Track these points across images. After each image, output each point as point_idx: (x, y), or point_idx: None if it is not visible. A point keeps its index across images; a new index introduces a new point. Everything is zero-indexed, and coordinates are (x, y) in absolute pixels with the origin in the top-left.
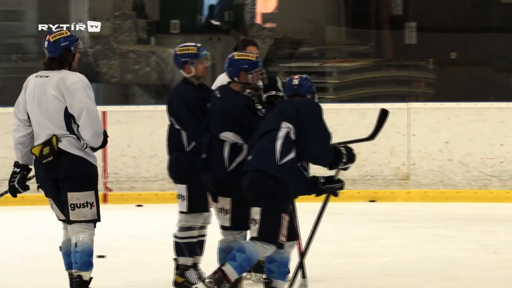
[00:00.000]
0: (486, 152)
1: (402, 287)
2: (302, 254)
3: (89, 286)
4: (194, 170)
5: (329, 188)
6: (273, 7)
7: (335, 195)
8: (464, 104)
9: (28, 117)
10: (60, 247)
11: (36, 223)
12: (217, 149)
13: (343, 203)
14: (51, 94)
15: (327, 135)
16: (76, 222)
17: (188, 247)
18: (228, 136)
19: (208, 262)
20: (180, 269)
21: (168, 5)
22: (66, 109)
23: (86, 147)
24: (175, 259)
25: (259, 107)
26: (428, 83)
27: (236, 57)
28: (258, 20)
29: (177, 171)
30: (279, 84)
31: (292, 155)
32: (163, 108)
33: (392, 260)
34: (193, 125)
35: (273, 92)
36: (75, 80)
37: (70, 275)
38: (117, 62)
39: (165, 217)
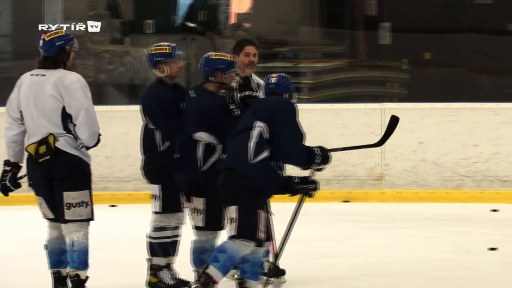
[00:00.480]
0: (460, 153)
1: (375, 287)
2: (277, 255)
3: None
4: (168, 170)
5: (303, 189)
6: (248, 7)
7: (310, 196)
8: (437, 104)
9: (21, 116)
10: (46, 245)
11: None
12: (191, 149)
13: (317, 204)
14: (49, 93)
15: (300, 134)
16: (71, 222)
17: (161, 247)
18: (202, 136)
19: (182, 263)
20: (154, 269)
21: (142, 5)
22: (63, 108)
23: (82, 147)
24: (149, 259)
25: (233, 107)
26: (402, 83)
27: (213, 57)
28: (233, 20)
29: (150, 171)
30: (254, 84)
31: (265, 154)
32: (137, 108)
33: (366, 260)
34: (167, 125)
35: (248, 92)
36: (73, 80)
37: (55, 273)
38: (91, 62)
39: (138, 217)
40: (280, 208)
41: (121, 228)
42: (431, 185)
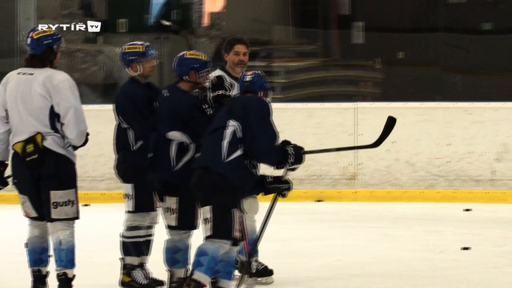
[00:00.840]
0: (433, 152)
1: (349, 286)
2: (250, 253)
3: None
4: (141, 169)
5: (276, 188)
6: (221, 6)
7: (283, 195)
8: (411, 104)
9: (6, 114)
10: (26, 243)
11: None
12: (164, 148)
13: (290, 203)
14: (37, 92)
15: (273, 133)
16: (58, 220)
17: (135, 247)
18: (176, 136)
19: (155, 262)
20: (127, 269)
21: (115, 4)
22: (52, 107)
23: (69, 146)
24: (122, 259)
25: (205, 106)
26: (375, 82)
27: (188, 56)
28: (206, 19)
29: (123, 170)
30: (227, 84)
31: (238, 152)
32: (110, 107)
33: (339, 260)
34: (140, 124)
35: (221, 91)
36: (62, 79)
37: (35, 272)
38: (65, 61)
39: (112, 216)
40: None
41: (94, 227)
42: (404, 184)
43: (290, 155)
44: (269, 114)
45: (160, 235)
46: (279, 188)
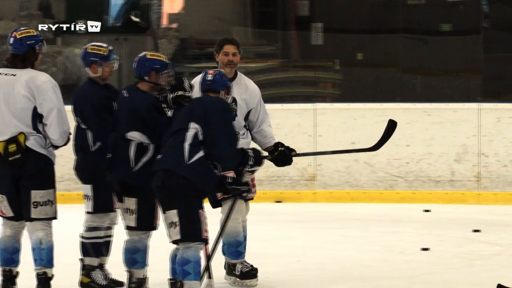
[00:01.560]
0: (392, 153)
1: (307, 287)
2: (209, 255)
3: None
4: (99, 170)
5: (235, 189)
6: (180, 7)
7: (242, 197)
8: (370, 105)
9: None
10: None
11: None
12: (123, 149)
13: (250, 204)
14: (21, 93)
15: (233, 136)
16: (37, 220)
17: (94, 248)
18: (135, 136)
19: (114, 263)
20: (86, 270)
21: (74, 6)
22: (35, 108)
23: (50, 146)
24: (81, 259)
25: (165, 106)
26: (334, 84)
27: (149, 57)
28: (165, 20)
29: (82, 171)
30: (186, 85)
31: (200, 153)
32: (69, 108)
33: (299, 260)
34: (98, 125)
35: (180, 92)
36: (45, 80)
37: (6, 272)
38: None
39: (71, 217)
40: (213, 209)
41: (53, 228)
42: (363, 185)
43: (250, 157)
44: (230, 117)
45: (120, 236)
46: (238, 189)
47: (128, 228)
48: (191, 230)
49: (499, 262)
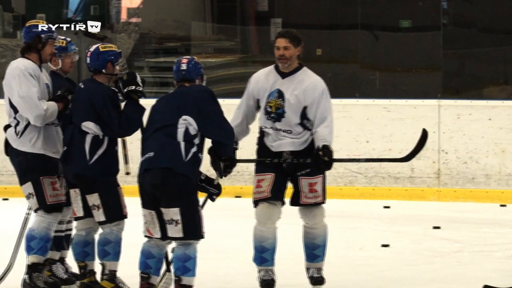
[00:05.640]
0: (352, 149)
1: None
2: (173, 249)
3: None
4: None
5: (203, 188)
6: (138, 1)
7: (212, 199)
8: None
9: None
10: None
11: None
12: (78, 141)
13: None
14: (4, 82)
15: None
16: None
17: (55, 241)
18: (89, 126)
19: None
20: (48, 263)
21: None
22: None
23: (22, 135)
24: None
25: (121, 99)
26: None
27: (102, 50)
28: (124, 14)
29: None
30: (139, 79)
31: (194, 149)
32: None
33: None
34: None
35: (133, 87)
36: (13, 67)
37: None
38: None
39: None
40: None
41: (13, 222)
42: None
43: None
44: (218, 102)
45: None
46: (208, 191)
47: (99, 223)
48: (193, 229)
49: (459, 259)
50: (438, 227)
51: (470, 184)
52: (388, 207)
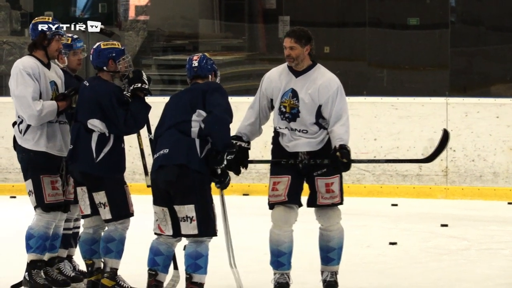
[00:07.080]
0: (360, 147)
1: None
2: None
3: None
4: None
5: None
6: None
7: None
8: None
9: None
10: None
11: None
12: (84, 139)
13: (216, 197)
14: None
15: (230, 112)
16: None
17: (63, 239)
18: (95, 124)
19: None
20: (56, 261)
21: None
22: None
23: (25, 133)
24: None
25: (127, 96)
26: None
27: (103, 47)
28: (132, 12)
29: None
30: (145, 77)
31: (209, 145)
32: None
33: (266, 253)
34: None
35: (139, 85)
36: (15, 66)
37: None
38: None
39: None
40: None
41: (21, 219)
42: None
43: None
44: (225, 92)
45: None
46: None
47: (105, 221)
48: (208, 225)
49: (466, 257)
50: (445, 225)
51: (478, 182)
52: (395, 205)
